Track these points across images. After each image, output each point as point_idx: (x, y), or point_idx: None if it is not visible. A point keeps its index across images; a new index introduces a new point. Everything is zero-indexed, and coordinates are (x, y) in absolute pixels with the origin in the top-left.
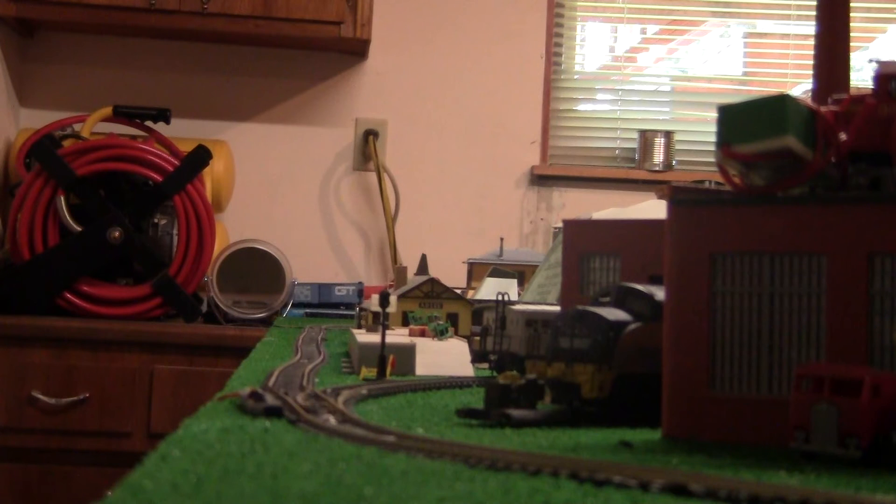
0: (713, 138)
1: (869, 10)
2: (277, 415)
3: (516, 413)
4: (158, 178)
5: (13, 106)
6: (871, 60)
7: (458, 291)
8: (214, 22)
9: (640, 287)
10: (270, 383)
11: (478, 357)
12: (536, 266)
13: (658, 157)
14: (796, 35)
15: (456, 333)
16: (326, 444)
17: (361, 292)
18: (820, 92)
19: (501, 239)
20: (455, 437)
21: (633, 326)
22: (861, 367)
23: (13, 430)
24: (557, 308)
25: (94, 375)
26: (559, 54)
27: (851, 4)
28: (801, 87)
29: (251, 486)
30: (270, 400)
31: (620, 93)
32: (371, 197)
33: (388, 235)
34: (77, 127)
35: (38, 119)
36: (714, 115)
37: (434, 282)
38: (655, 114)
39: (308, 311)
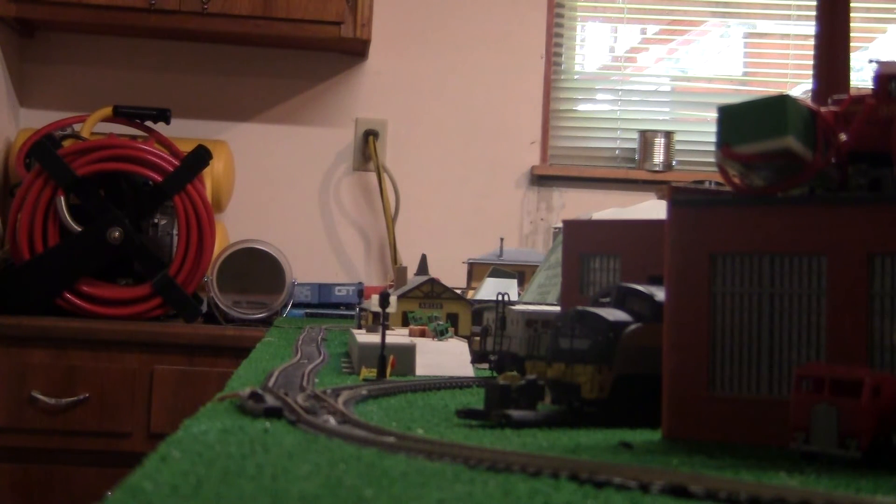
0: (713, 138)
1: (869, 10)
2: (277, 415)
3: (516, 414)
4: (158, 178)
5: (13, 106)
6: (871, 60)
7: (458, 291)
8: (214, 22)
9: (640, 287)
10: (270, 384)
11: (478, 357)
12: (536, 266)
13: (658, 157)
14: (796, 35)
15: (456, 334)
16: (326, 445)
17: (361, 292)
18: (820, 92)
19: (501, 239)
20: (455, 437)
21: (633, 327)
22: (861, 368)
23: (13, 430)
24: (557, 308)
25: (94, 375)
26: (559, 54)
27: (851, 4)
28: (801, 87)
29: (251, 487)
30: (270, 400)
31: (620, 93)
32: (371, 197)
33: (388, 235)
34: (77, 127)
35: (38, 119)
36: (714, 115)
37: (434, 282)
38: (655, 114)
39: (308, 311)
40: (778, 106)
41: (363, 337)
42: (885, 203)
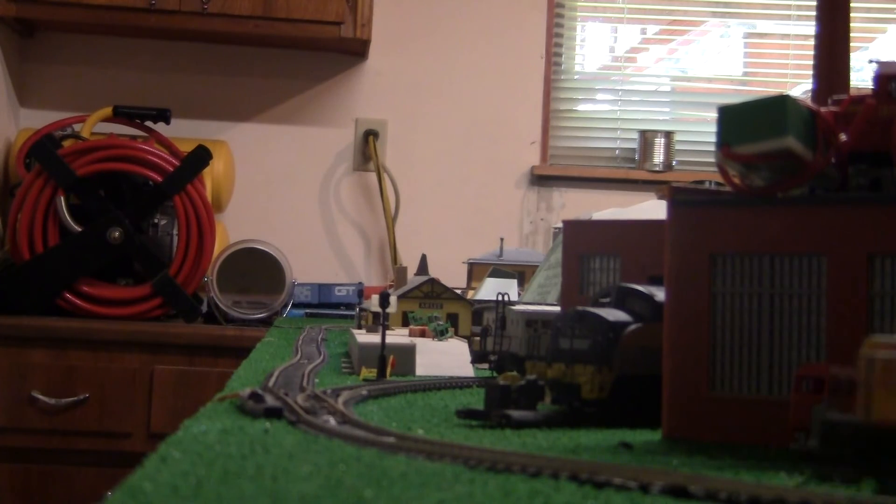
0: (713, 138)
1: (869, 10)
2: (277, 416)
3: (516, 414)
4: (158, 178)
5: (13, 106)
6: (871, 61)
7: (458, 292)
8: (214, 22)
9: (640, 288)
10: (270, 384)
11: (478, 357)
12: (536, 266)
13: (658, 157)
14: (796, 35)
15: (456, 334)
16: (326, 446)
17: (361, 292)
18: (820, 92)
19: (501, 239)
20: (455, 438)
21: (633, 327)
22: None
23: (13, 430)
24: (557, 308)
25: (94, 375)
26: (559, 54)
27: (851, 4)
28: (801, 87)
29: (251, 488)
30: (270, 401)
31: (620, 93)
32: (371, 197)
33: (388, 235)
34: (77, 127)
35: (38, 119)
36: (714, 115)
37: (434, 282)
38: (655, 114)
39: (308, 311)
40: (778, 106)
41: (363, 337)
42: (885, 203)
